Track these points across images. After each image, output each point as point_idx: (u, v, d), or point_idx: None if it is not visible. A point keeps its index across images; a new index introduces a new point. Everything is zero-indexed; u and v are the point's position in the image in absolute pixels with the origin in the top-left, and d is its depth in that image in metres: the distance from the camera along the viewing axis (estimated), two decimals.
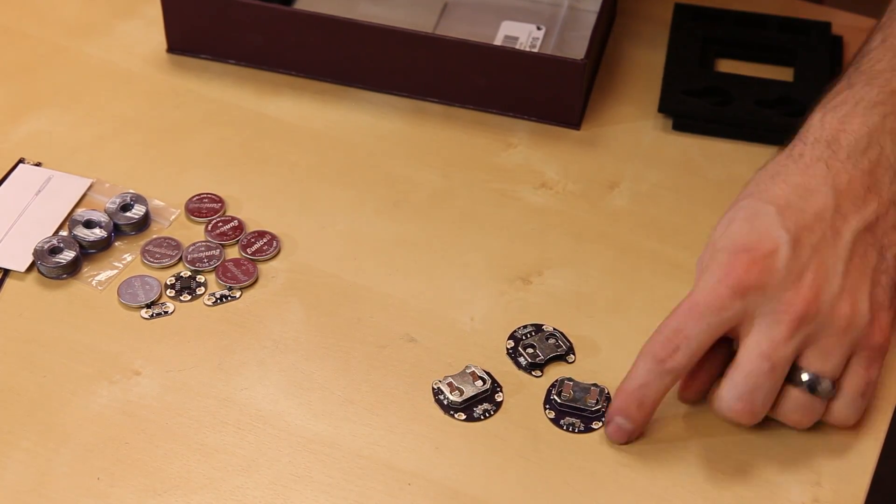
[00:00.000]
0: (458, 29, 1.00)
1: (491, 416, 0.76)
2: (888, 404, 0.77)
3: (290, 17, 0.95)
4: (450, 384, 0.77)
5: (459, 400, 0.76)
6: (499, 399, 0.77)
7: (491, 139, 0.94)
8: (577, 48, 0.98)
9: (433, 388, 0.77)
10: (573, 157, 0.93)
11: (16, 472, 0.73)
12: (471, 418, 0.76)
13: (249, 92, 0.97)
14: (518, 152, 0.93)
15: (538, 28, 1.00)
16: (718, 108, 0.94)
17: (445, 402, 0.76)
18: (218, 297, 0.82)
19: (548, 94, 0.93)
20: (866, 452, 0.75)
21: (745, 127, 0.94)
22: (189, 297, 0.82)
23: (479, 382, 0.77)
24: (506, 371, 0.78)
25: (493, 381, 0.77)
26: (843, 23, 1.01)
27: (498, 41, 0.99)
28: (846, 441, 0.75)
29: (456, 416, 0.76)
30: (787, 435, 0.75)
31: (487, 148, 0.93)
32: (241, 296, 0.82)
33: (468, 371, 0.77)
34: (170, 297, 0.82)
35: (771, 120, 0.93)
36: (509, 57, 0.93)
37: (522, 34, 0.99)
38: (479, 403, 0.76)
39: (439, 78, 0.95)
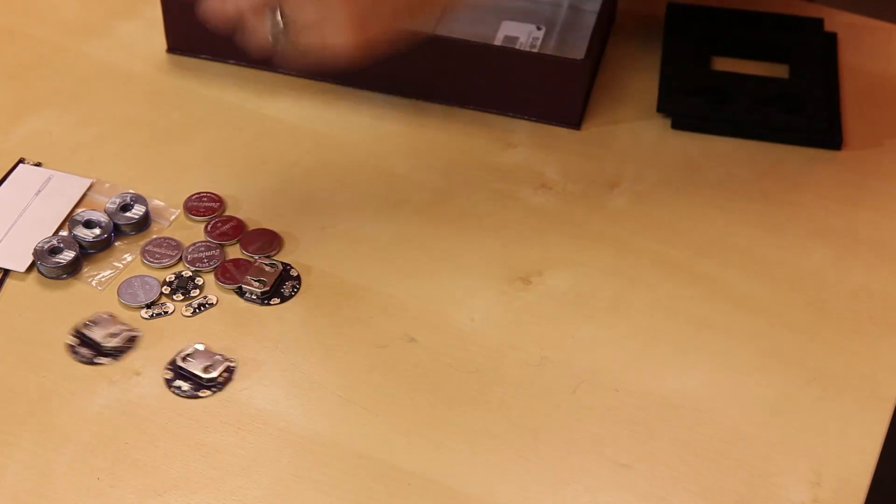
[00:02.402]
0: (458, 29, 1.00)
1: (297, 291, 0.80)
2: (888, 404, 0.77)
3: None
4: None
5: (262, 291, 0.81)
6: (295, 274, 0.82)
7: (491, 139, 0.94)
8: (577, 48, 0.98)
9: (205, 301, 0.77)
10: (573, 157, 0.93)
11: (16, 472, 0.73)
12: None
13: (249, 92, 0.97)
14: (518, 152, 0.93)
15: (538, 28, 1.00)
16: (716, 106, 0.94)
17: (254, 297, 0.80)
18: (195, 306, 0.81)
19: (548, 94, 0.93)
20: (866, 452, 0.75)
21: (743, 124, 0.94)
22: (182, 298, 0.82)
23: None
24: (506, 371, 0.78)
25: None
26: (835, 20, 1.01)
27: (498, 41, 0.99)
28: (846, 441, 0.75)
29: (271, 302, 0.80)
30: (787, 435, 0.75)
31: (487, 148, 0.93)
32: (217, 302, 0.82)
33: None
34: (164, 296, 0.82)
35: (769, 117, 0.93)
36: (509, 57, 0.93)
37: (522, 34, 0.99)
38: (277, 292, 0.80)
39: (439, 78, 0.95)
